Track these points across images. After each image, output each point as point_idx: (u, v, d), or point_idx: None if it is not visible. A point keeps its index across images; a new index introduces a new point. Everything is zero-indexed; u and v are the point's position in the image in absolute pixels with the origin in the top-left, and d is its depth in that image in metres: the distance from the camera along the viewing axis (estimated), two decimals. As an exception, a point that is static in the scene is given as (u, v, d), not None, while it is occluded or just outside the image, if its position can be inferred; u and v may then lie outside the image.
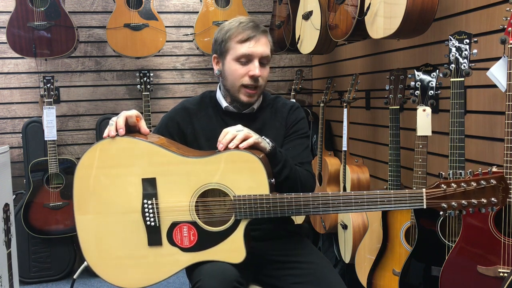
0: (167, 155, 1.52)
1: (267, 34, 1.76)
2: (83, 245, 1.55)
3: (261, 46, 1.71)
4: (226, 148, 1.52)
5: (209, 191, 1.53)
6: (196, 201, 1.51)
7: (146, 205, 1.52)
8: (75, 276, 1.82)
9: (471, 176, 1.37)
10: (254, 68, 1.70)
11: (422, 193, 1.39)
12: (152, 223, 1.52)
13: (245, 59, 1.71)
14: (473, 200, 1.36)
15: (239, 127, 1.56)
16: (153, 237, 1.52)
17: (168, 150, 1.53)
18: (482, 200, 1.35)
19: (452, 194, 1.36)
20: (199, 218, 1.51)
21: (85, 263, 1.61)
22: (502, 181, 1.35)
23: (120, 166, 1.53)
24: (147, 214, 1.52)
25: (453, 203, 1.36)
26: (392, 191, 1.42)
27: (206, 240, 1.50)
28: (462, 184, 1.36)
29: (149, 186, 1.52)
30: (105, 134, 1.55)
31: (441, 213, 1.40)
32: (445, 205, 1.37)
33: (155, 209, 1.52)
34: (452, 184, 1.37)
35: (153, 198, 1.52)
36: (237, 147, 1.51)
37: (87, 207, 1.54)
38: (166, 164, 1.52)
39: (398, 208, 1.40)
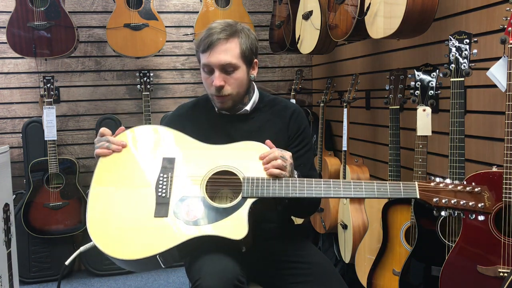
0: (189, 141, 1.68)
1: (232, 38, 1.65)
2: (89, 211, 1.57)
3: (218, 54, 1.63)
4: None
5: (222, 173, 1.60)
6: (208, 180, 1.59)
7: (161, 178, 1.60)
8: (66, 263, 1.74)
9: (459, 182, 1.48)
10: (214, 78, 1.67)
11: (415, 184, 1.49)
12: (163, 195, 1.57)
13: (207, 69, 1.69)
14: (462, 200, 1.44)
15: (287, 155, 1.58)
16: (161, 208, 1.55)
17: (191, 137, 1.69)
18: (471, 202, 1.43)
19: (442, 190, 1.46)
20: (208, 196, 1.57)
21: (80, 249, 1.64)
22: (486, 190, 1.44)
23: (146, 149, 1.67)
24: (160, 186, 1.58)
25: (444, 199, 1.45)
26: (387, 182, 1.53)
27: (211, 215, 1.53)
28: (451, 185, 1.46)
29: (168, 164, 1.62)
30: (101, 152, 1.62)
31: (434, 211, 1.49)
32: (436, 199, 1.45)
33: (168, 181, 1.59)
34: (442, 183, 1.48)
35: (169, 173, 1.60)
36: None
37: (104, 180, 1.62)
38: (188, 148, 1.66)
39: (393, 196, 1.50)
